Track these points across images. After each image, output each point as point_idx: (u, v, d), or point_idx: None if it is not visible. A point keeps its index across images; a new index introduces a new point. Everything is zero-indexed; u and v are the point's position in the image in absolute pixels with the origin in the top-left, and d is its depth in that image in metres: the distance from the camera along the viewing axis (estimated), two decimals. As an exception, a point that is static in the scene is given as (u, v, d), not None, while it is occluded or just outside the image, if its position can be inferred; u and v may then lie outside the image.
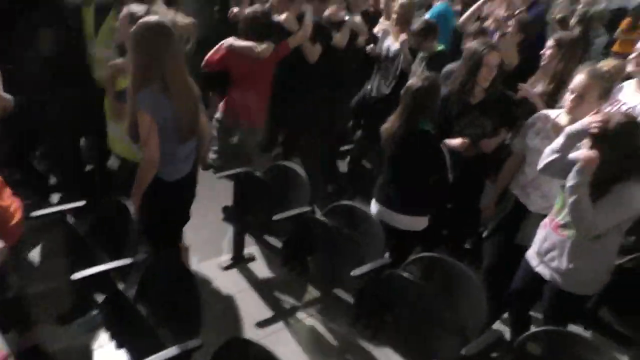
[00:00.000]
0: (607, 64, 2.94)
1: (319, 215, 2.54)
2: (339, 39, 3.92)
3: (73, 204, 2.43)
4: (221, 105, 3.52)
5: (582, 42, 3.99)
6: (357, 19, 4.29)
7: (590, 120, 1.98)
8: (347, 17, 4.08)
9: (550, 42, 3.07)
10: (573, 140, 2.06)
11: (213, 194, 3.27)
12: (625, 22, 7.59)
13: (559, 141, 2.11)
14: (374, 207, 2.75)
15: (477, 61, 2.73)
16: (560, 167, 2.10)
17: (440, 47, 3.83)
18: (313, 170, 3.28)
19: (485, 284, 2.32)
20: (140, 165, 2.33)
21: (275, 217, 2.47)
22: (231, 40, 3.31)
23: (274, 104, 3.56)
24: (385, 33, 4.09)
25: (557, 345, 1.89)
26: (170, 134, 2.27)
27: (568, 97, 2.38)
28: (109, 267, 2.07)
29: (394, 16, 4.07)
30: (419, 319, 2.16)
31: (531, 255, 2.33)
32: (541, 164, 2.19)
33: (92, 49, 3.13)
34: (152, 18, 2.26)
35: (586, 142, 2.02)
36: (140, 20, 2.23)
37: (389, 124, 2.62)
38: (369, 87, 4.15)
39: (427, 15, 4.17)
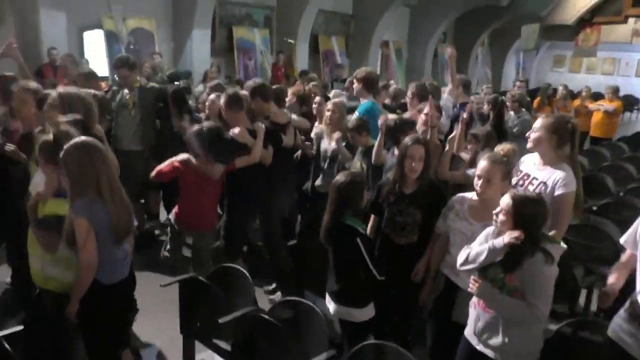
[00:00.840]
0: (502, 148, 3.32)
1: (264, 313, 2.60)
2: (288, 140, 4.22)
3: (10, 330, 2.40)
4: (174, 211, 3.70)
5: (496, 130, 4.44)
6: (297, 117, 4.65)
7: (509, 239, 2.22)
8: (292, 117, 4.44)
9: (469, 137, 3.47)
10: (494, 255, 2.28)
11: (160, 299, 3.29)
12: (536, 101, 8.61)
13: (479, 253, 2.33)
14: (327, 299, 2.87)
15: (403, 153, 3.01)
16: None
17: (373, 141, 4.15)
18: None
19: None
20: (79, 270, 2.41)
21: (222, 320, 2.52)
22: (186, 157, 3.53)
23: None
24: (319, 135, 4.44)
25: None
26: (107, 237, 2.43)
27: (477, 182, 2.66)
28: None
29: (328, 116, 4.38)
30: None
31: (469, 334, 2.47)
32: (461, 266, 2.42)
33: None
34: (79, 138, 2.48)
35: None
36: (70, 142, 2.43)
37: (324, 219, 2.81)
38: (310, 183, 4.42)
39: (356, 114, 4.53)
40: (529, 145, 3.02)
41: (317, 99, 5.03)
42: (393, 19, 14.60)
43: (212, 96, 4.44)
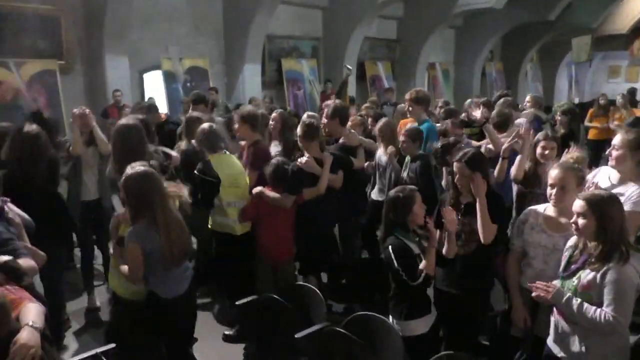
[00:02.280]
0: (571, 156, 3.26)
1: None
2: (358, 162, 4.38)
3: (106, 347, 2.56)
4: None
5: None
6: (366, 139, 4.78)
7: None
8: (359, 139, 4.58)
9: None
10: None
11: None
12: (590, 112, 8.46)
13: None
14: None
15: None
16: None
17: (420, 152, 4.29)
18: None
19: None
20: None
21: (298, 335, 2.58)
22: (259, 189, 3.69)
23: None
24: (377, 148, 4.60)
25: None
26: (159, 261, 2.64)
27: (550, 192, 2.63)
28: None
29: (379, 135, 4.56)
30: None
31: (550, 342, 2.42)
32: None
33: None
34: (139, 167, 2.69)
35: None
36: (129, 169, 2.67)
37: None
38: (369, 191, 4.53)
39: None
40: (611, 163, 2.95)
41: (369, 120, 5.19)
42: (438, 41, 14.65)
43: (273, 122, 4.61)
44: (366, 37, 12.74)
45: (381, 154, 4.49)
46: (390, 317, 2.81)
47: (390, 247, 2.71)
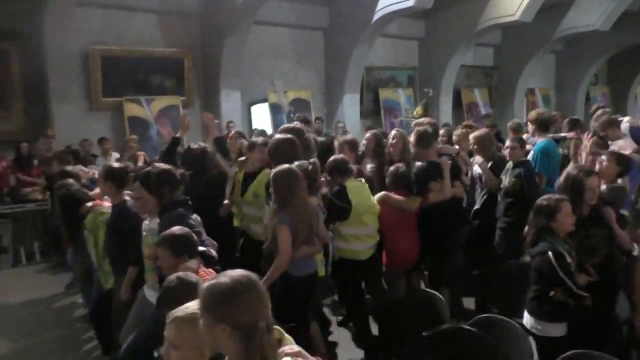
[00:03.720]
0: None
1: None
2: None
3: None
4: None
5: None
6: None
7: None
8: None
9: None
10: None
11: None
12: None
13: None
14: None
15: (581, 186, 3.10)
16: None
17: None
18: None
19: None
20: (275, 265, 3.08)
21: (426, 334, 2.77)
22: (384, 195, 3.93)
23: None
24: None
25: None
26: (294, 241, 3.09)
27: None
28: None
29: (476, 144, 4.68)
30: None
31: None
32: None
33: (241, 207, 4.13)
34: (286, 165, 3.18)
35: None
36: (278, 168, 3.18)
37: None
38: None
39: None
40: None
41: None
42: (538, 66, 14.33)
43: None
44: (462, 65, 12.81)
45: (476, 166, 4.65)
46: (527, 318, 2.92)
47: (551, 252, 2.80)
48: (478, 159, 4.54)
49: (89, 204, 3.77)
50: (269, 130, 10.25)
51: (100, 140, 8.07)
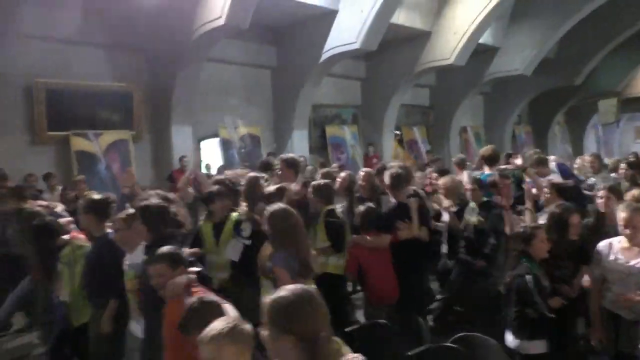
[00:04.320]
0: (631, 196, 3.69)
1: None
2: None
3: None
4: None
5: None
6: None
7: None
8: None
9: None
10: None
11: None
12: None
13: None
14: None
15: (565, 223, 3.48)
16: None
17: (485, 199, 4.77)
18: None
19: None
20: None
21: (411, 353, 2.96)
22: (355, 238, 4.13)
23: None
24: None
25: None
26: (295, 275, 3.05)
27: (623, 231, 3.06)
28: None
29: (442, 191, 5.09)
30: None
31: None
32: None
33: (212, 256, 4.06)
34: (279, 205, 3.20)
35: None
36: (272, 209, 3.17)
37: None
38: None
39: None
40: None
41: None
42: (469, 106, 15.41)
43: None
44: (402, 104, 13.53)
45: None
46: (509, 337, 3.19)
47: (527, 277, 3.08)
48: (446, 202, 4.89)
49: (66, 236, 3.70)
50: (217, 165, 10.33)
51: (46, 175, 7.80)
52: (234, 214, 4.12)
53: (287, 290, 1.69)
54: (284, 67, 11.20)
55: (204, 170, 9.98)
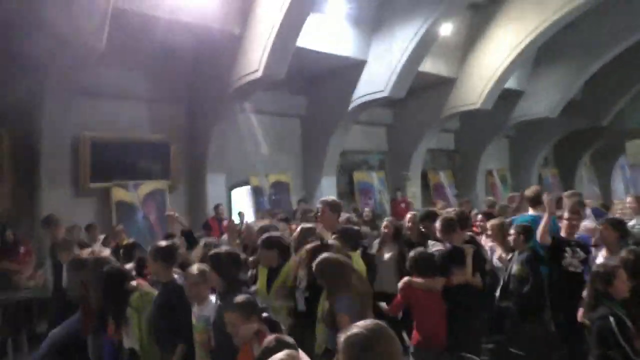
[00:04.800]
0: None
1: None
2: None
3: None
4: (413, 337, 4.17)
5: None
6: None
7: None
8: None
9: None
10: None
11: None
12: None
13: None
14: None
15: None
16: None
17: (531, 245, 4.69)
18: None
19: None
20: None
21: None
22: (406, 280, 4.14)
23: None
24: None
25: None
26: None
27: None
28: None
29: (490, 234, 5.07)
30: None
31: None
32: None
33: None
34: (329, 255, 3.30)
35: None
36: (321, 257, 3.29)
37: None
38: None
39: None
40: None
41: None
42: (494, 149, 15.49)
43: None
44: (428, 149, 13.68)
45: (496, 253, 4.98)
46: None
47: (612, 317, 3.07)
48: (499, 252, 4.93)
49: (134, 282, 3.80)
50: (250, 213, 10.47)
51: (88, 227, 7.99)
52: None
53: (359, 326, 1.73)
54: (313, 116, 11.51)
55: (236, 218, 10.15)
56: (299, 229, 4.42)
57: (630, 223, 6.80)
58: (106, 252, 5.24)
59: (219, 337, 3.00)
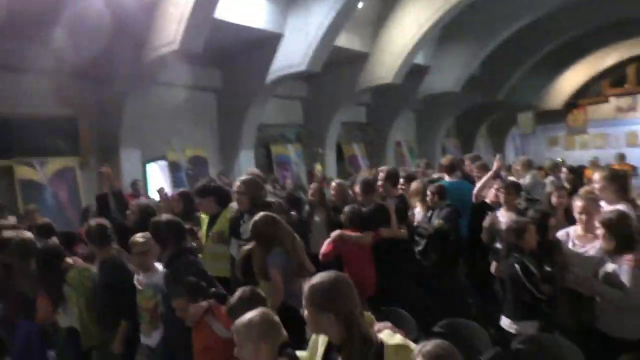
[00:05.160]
0: (584, 190, 4.31)
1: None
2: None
3: None
4: None
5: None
6: None
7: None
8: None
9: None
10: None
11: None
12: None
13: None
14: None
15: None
16: None
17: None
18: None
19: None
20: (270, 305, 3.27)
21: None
22: (338, 232, 4.40)
23: None
24: None
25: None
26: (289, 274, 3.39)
27: (580, 217, 3.60)
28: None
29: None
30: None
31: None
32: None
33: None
34: (265, 213, 3.51)
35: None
36: (259, 216, 3.47)
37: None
38: None
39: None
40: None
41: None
42: (403, 122, 16.31)
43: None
44: (342, 122, 14.09)
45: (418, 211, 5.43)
46: (504, 320, 3.63)
47: (517, 265, 3.52)
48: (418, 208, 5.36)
49: (69, 260, 3.70)
50: (169, 188, 10.26)
51: (-5, 206, 7.45)
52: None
53: (321, 276, 2.00)
54: (230, 89, 11.38)
55: (155, 195, 9.92)
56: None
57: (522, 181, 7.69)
58: (28, 234, 4.96)
59: (167, 304, 3.09)
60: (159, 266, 3.41)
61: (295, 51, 10.25)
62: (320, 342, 2.10)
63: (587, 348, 3.29)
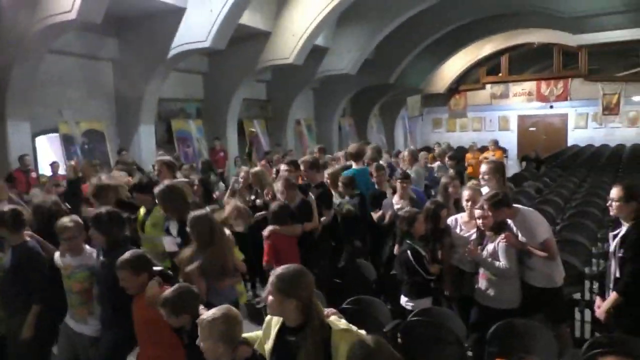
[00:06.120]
0: (472, 183, 5.04)
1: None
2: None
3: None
4: None
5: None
6: None
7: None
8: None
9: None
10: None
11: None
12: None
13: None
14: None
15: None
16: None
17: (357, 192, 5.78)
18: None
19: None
20: None
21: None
22: (270, 229, 4.67)
23: None
24: None
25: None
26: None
27: (466, 205, 4.27)
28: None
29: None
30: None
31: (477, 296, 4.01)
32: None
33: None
34: (200, 213, 3.68)
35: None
36: (194, 215, 3.62)
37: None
38: None
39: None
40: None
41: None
42: (302, 100, 16.75)
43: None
44: (243, 99, 14.17)
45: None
46: (403, 299, 4.20)
47: (408, 251, 4.07)
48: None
49: None
50: (61, 162, 9.77)
51: None
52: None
53: (287, 267, 2.34)
54: (128, 61, 10.95)
55: (46, 171, 9.42)
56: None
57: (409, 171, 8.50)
58: None
59: (103, 289, 3.21)
60: (88, 248, 3.49)
61: (198, 26, 10.11)
62: (273, 324, 2.40)
63: (467, 316, 4.02)
